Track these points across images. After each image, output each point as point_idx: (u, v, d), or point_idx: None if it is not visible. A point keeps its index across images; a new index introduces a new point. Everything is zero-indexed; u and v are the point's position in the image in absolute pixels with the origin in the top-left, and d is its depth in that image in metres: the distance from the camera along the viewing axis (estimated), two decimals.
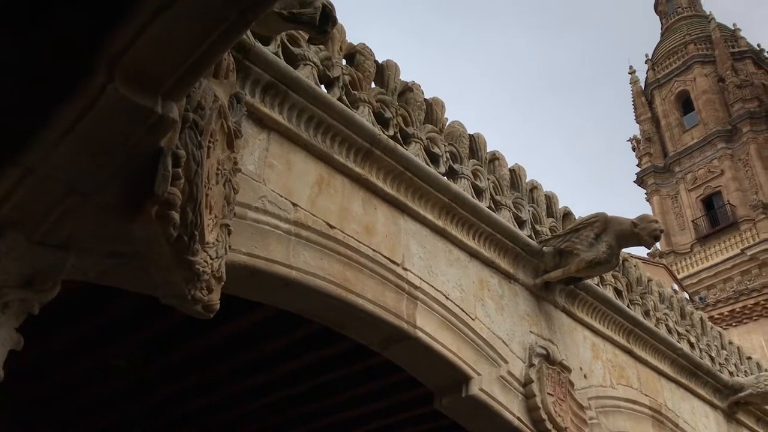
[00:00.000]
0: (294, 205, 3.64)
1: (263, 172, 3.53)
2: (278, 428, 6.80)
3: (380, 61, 4.55)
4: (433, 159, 4.70)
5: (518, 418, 4.52)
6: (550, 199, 5.96)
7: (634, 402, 5.98)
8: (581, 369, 5.44)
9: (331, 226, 3.82)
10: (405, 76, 4.70)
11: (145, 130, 2.34)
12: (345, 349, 4.99)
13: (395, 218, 4.34)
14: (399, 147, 4.26)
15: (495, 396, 4.43)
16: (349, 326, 4.14)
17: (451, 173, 4.87)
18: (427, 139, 4.69)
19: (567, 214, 5.98)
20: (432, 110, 4.87)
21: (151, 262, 2.56)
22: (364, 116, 4.12)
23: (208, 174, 2.60)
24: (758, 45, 45.92)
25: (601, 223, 4.94)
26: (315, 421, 6.56)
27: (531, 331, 5.05)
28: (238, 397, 6.11)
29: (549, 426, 4.55)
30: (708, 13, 47.55)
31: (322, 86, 3.96)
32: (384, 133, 4.23)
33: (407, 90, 4.63)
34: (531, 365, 4.77)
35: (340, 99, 3.99)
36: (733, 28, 46.01)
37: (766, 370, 8.49)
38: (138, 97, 2.26)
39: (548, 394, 4.65)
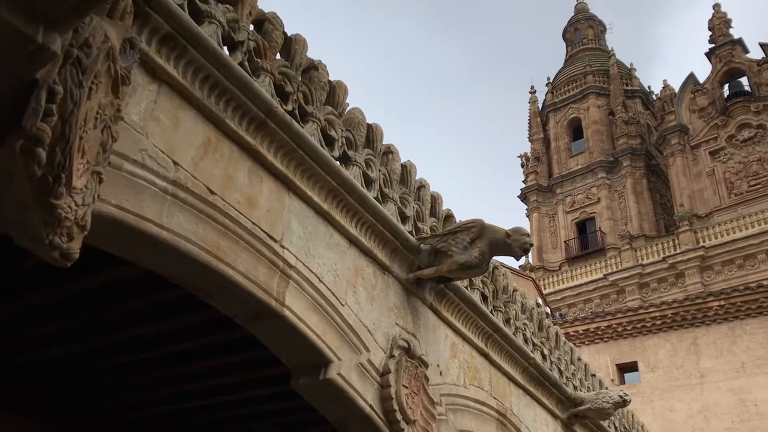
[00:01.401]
0: (175, 164, 3.52)
1: (147, 124, 3.38)
2: (130, 388, 6.60)
3: (289, 34, 4.48)
4: (329, 142, 4.69)
5: (371, 406, 4.61)
6: (435, 200, 6.10)
7: (483, 403, 6.25)
8: (438, 366, 5.62)
9: (212, 192, 3.72)
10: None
11: (22, 58, 2.19)
12: (209, 319, 4.90)
13: (280, 194, 4.29)
14: (295, 123, 4.21)
15: (352, 382, 4.50)
16: (217, 296, 4.06)
17: (344, 159, 4.87)
18: (325, 120, 4.67)
19: (449, 217, 6.15)
20: (334, 93, 4.85)
21: (9, 198, 2.40)
22: (264, 86, 4.04)
23: (85, 116, 2.46)
24: (649, 87, 49.09)
25: (477, 229, 5.11)
26: (170, 387, 6.42)
27: (397, 324, 5.16)
28: (89, 354, 5.86)
29: (399, 417, 4.67)
30: (610, 48, 50.23)
31: (225, 48, 3.84)
32: (282, 106, 4.16)
33: (312, 68, 4.58)
34: (391, 356, 4.87)
35: (241, 64, 3.89)
36: (629, 67, 48.86)
37: (606, 389, 9.09)
38: (19, 22, 2.11)
39: (403, 386, 4.78)
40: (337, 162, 4.67)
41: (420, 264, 5.43)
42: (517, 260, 5.30)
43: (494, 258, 6.09)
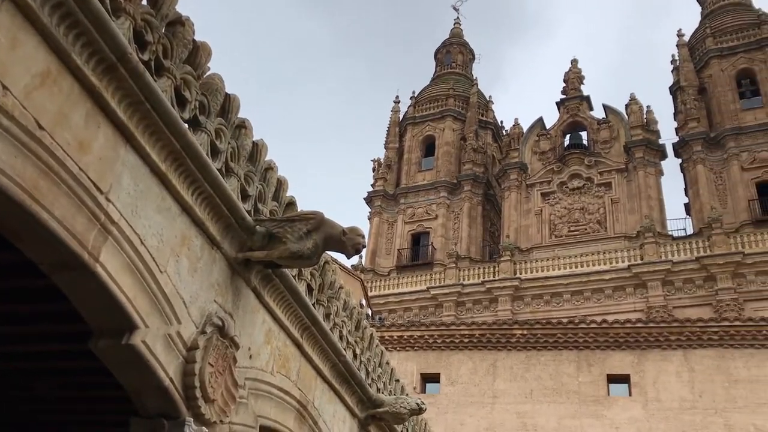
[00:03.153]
0: (4, 88, 3.20)
1: None
2: None
3: None
4: (181, 102, 4.49)
5: (171, 379, 4.47)
6: (281, 184, 6.04)
7: (287, 393, 6.28)
8: (250, 349, 5.57)
9: (41, 127, 3.43)
10: None
11: None
12: (11, 263, 4.51)
13: (117, 145, 4.04)
14: (148, 75, 3.99)
15: (155, 352, 4.33)
16: (26, 239, 3.74)
17: (195, 123, 4.69)
18: (181, 79, 4.47)
19: (291, 204, 6.12)
20: (197, 53, 4.66)
21: None
22: (122, 29, 3.79)
23: None
24: (501, 121, 51.96)
25: (316, 222, 5.14)
26: None
27: (215, 301, 5.05)
28: None
29: (198, 394, 4.57)
30: (475, 78, 52.64)
31: None
32: (138, 54, 3.93)
33: (178, 22, 4.37)
34: (203, 332, 4.76)
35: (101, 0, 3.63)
36: (488, 99, 51.48)
37: (406, 395, 9.48)
38: None
39: (209, 364, 4.68)
40: (186, 125, 4.49)
41: (252, 245, 5.35)
42: (348, 258, 5.43)
43: (328, 253, 6.17)
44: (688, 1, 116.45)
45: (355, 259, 43.19)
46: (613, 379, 20.39)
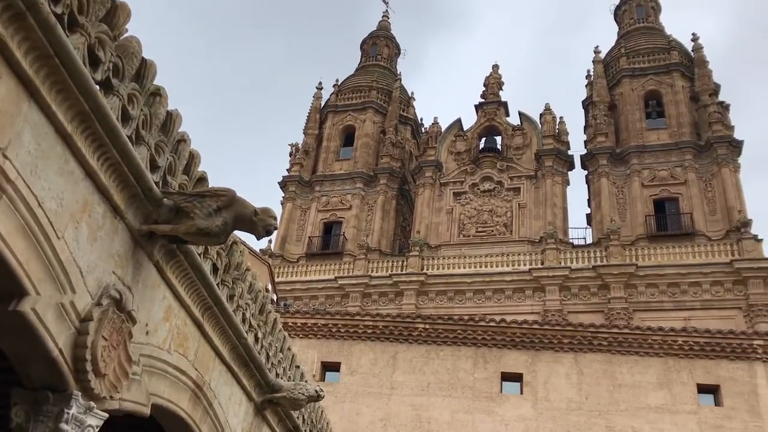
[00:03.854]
0: None
1: None
2: None
3: None
4: (94, 62, 4.27)
5: (60, 351, 4.27)
6: (193, 158, 5.86)
7: (183, 372, 6.13)
8: (147, 325, 5.39)
9: None
10: None
11: None
12: None
13: (20, 100, 3.81)
14: (59, 28, 3.77)
15: (45, 321, 4.12)
16: None
17: (107, 86, 4.48)
18: (96, 38, 4.25)
19: (202, 179, 5.96)
20: (115, 13, 4.45)
21: None
22: None
23: None
24: (421, 118, 52.58)
25: (227, 199, 5.02)
26: None
27: (114, 272, 4.85)
28: None
29: (89, 368, 4.38)
30: (399, 72, 52.98)
31: None
32: (50, 5, 3.71)
33: None
34: (98, 304, 4.56)
35: None
36: (410, 96, 51.95)
37: (305, 382, 9.45)
38: None
39: (103, 337, 4.50)
40: (97, 86, 4.28)
41: (158, 218, 5.18)
42: (258, 239, 5.30)
43: (237, 233, 6.05)
44: (604, 12, 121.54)
45: (264, 243, 42.69)
46: (506, 377, 21.07)
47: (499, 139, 44.51)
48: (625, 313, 33.62)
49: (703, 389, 20.03)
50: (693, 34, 44.45)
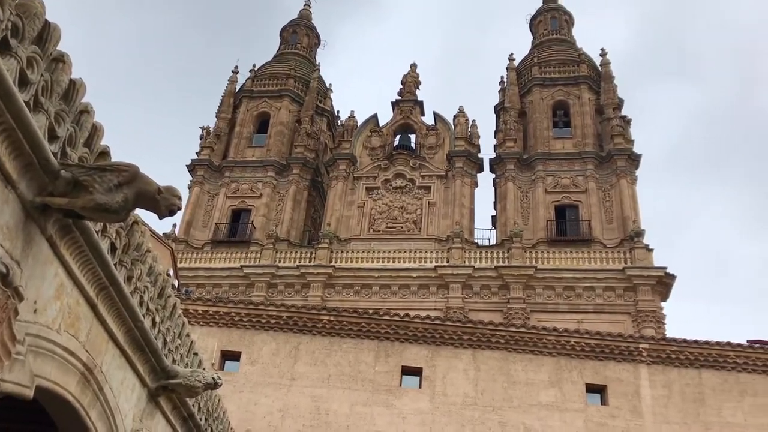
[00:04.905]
0: None
1: None
2: None
3: None
4: None
5: None
6: (96, 130, 5.60)
7: (72, 354, 5.86)
8: (36, 303, 5.12)
9: None
10: None
11: None
12: None
13: None
14: None
15: None
16: None
17: (3, 45, 4.21)
18: None
19: (104, 153, 5.70)
20: None
21: None
22: None
23: None
24: (338, 111, 52.48)
25: (129, 175, 4.82)
26: None
27: (1, 245, 4.57)
28: None
29: None
30: (318, 63, 52.65)
31: None
32: None
33: None
34: None
35: None
36: (327, 87, 51.71)
37: (203, 369, 9.25)
38: None
39: None
40: None
41: (54, 191, 4.91)
42: (161, 219, 5.12)
43: (139, 212, 5.83)
44: (517, 14, 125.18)
45: (168, 227, 41.41)
46: (407, 371, 21.38)
47: (413, 137, 45.06)
48: (523, 313, 34.83)
49: (591, 389, 21.03)
50: (602, 50, 46.53)
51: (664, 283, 35.51)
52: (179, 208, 5.06)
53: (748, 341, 22.19)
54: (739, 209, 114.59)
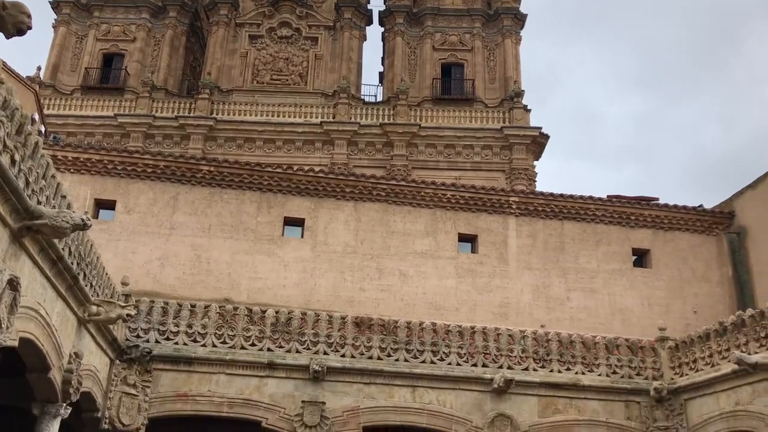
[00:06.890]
0: None
1: None
2: None
3: None
4: None
5: None
6: None
7: None
8: None
9: None
10: None
11: None
12: None
13: None
14: None
15: None
16: None
17: None
18: None
19: None
20: None
21: None
22: None
23: None
24: None
25: None
26: None
27: None
28: None
29: None
30: None
31: None
32: None
33: None
34: None
35: None
36: None
37: (74, 211, 8.93)
38: None
39: None
40: None
41: None
42: (7, 38, 4.67)
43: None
44: None
45: (32, 70, 38.07)
46: (289, 221, 21.73)
47: None
48: (405, 170, 35.66)
49: (463, 238, 22.37)
50: None
51: (538, 143, 37.24)
52: (29, 27, 4.63)
53: (608, 196, 24.11)
54: (611, 68, 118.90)
